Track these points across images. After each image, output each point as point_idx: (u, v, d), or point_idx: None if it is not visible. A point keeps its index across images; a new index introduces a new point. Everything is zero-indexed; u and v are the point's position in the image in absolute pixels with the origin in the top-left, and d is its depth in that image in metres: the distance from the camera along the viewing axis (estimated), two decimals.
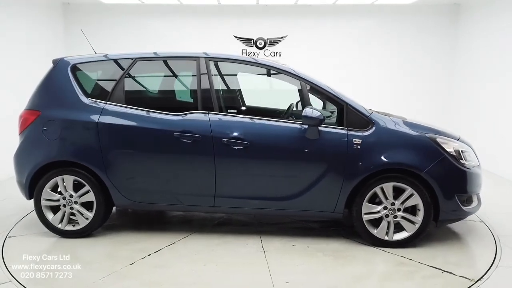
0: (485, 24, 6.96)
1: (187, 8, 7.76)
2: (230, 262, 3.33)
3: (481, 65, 7.05)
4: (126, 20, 7.85)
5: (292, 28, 7.83)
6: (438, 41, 7.86)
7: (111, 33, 7.80)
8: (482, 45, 7.01)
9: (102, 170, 3.67)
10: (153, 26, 7.86)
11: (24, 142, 3.79)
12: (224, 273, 3.14)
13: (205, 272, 3.14)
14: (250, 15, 7.77)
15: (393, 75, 7.94)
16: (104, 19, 7.83)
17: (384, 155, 3.50)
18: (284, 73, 3.75)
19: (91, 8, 7.79)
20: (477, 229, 4.07)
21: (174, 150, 3.63)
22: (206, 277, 3.07)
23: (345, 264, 3.31)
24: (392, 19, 7.87)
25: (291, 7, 7.72)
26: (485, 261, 3.36)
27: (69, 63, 3.87)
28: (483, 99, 6.97)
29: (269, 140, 3.58)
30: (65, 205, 3.77)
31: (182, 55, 3.89)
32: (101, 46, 4.42)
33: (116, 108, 3.69)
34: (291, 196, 3.61)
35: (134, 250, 3.54)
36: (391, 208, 3.55)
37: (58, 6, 7.60)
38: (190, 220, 4.33)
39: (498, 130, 6.55)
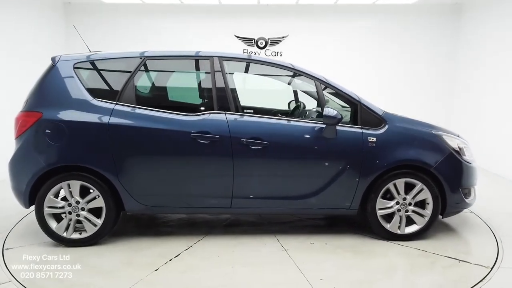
0: (487, 24, 6.95)
1: (188, 7, 7.77)
2: (256, 262, 3.31)
3: (483, 64, 7.03)
4: (127, 20, 7.86)
5: (293, 27, 7.86)
6: (440, 41, 7.89)
7: (112, 32, 7.81)
8: (484, 44, 6.99)
9: (113, 174, 3.50)
10: (154, 25, 7.87)
11: (23, 147, 3.51)
12: (255, 274, 3.12)
13: (235, 274, 3.10)
14: (251, 15, 7.75)
15: (394, 75, 8.00)
16: (105, 19, 7.83)
17: (398, 152, 3.65)
18: (299, 73, 3.78)
19: (92, 8, 7.76)
20: (478, 227, 4.34)
21: (190, 151, 3.54)
22: (239, 279, 3.03)
23: (368, 259, 3.40)
24: (394, 19, 7.89)
25: (292, 7, 7.74)
26: (492, 250, 3.60)
27: (72, 61, 3.65)
28: (485, 99, 6.96)
29: (287, 139, 3.60)
30: (71, 212, 3.55)
31: (194, 55, 3.80)
32: (102, 45, 4.22)
33: (127, 108, 3.54)
34: (308, 194, 3.66)
35: (152, 256, 3.41)
36: (403, 203, 3.71)
37: (59, 5, 7.59)
38: (196, 222, 4.24)
39: (500, 130, 6.53)
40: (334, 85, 3.73)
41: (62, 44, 7.60)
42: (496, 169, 6.64)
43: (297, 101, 4.46)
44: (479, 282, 2.99)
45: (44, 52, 6.68)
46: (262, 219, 4.34)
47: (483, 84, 7.06)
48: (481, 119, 7.08)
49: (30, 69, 5.83)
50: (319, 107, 3.84)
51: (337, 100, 3.92)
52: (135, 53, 3.72)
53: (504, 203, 5.16)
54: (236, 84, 3.74)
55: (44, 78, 3.61)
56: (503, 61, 6.48)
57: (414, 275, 3.14)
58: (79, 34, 4.35)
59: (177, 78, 3.98)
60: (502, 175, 6.47)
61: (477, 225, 4.21)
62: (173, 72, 3.95)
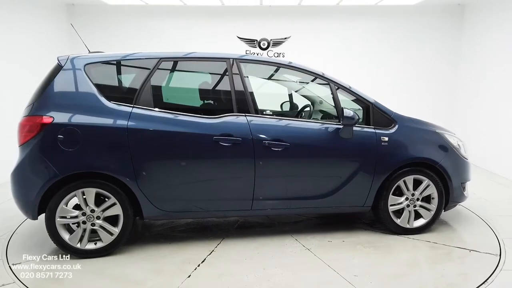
0: (490, 25, 6.90)
1: (191, 9, 7.71)
2: (286, 263, 3.33)
3: (485, 65, 7.01)
4: (130, 21, 7.80)
5: (295, 29, 7.82)
6: (442, 42, 7.85)
7: (115, 33, 7.75)
8: (487, 45, 6.96)
9: (133, 180, 3.36)
10: (156, 27, 7.84)
11: (31, 154, 3.27)
12: (291, 274, 3.14)
13: (271, 276, 3.11)
14: (253, 16, 7.68)
15: (397, 76, 7.98)
16: (108, 20, 7.76)
17: (407, 151, 3.84)
18: (313, 75, 3.85)
19: (95, 9, 7.70)
20: (471, 218, 4.67)
21: (212, 155, 3.49)
22: (278, 281, 3.04)
23: (389, 254, 3.55)
24: (396, 20, 7.87)
25: (295, 8, 7.70)
26: (492, 238, 3.90)
27: (82, 62, 3.45)
28: (488, 100, 6.92)
29: (307, 140, 3.66)
30: (85, 221, 3.37)
31: (211, 56, 3.74)
32: (105, 46, 4.03)
33: (145, 111, 3.41)
34: (326, 194, 3.75)
35: (178, 263, 3.32)
36: (411, 199, 3.91)
37: (63, 7, 7.55)
38: (206, 226, 4.17)
39: (502, 130, 6.49)
40: (347, 86, 3.85)
41: (66, 46, 7.36)
42: (500, 170, 6.58)
43: (311, 102, 4.52)
44: (495, 269, 3.24)
45: (47, 53, 6.66)
46: (271, 219, 4.37)
47: (486, 85, 7.01)
48: (484, 119, 7.01)
49: (33, 71, 5.93)
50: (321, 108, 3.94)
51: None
52: (149, 54, 3.60)
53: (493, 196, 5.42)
54: (255, 86, 3.72)
55: (52, 80, 3.38)
56: (507, 62, 6.43)
57: (438, 266, 3.32)
58: (77, 32, 4.13)
59: (194, 79, 3.90)
60: (507, 176, 6.39)
61: (469, 217, 4.53)
62: (190, 73, 3.86)
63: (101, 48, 3.91)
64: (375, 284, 3.00)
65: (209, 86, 3.91)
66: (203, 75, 3.91)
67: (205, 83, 3.91)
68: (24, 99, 3.61)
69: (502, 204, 5.02)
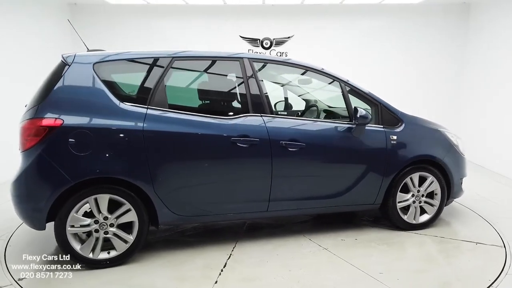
0: (496, 23, 6.79)
1: (193, 8, 7.64)
2: (309, 263, 3.32)
3: (491, 65, 6.93)
4: (132, 20, 7.77)
5: (298, 28, 7.73)
6: (447, 40, 7.77)
7: (117, 32, 7.70)
8: (492, 44, 6.87)
9: (149, 184, 3.22)
10: (158, 26, 7.80)
11: (38, 160, 3.03)
12: (318, 275, 3.13)
13: (299, 277, 3.08)
14: (256, 15, 7.53)
15: (401, 75, 7.92)
16: (110, 19, 7.72)
17: (414, 148, 3.95)
18: (326, 76, 3.85)
19: (97, 9, 7.66)
20: (463, 212, 4.87)
21: (230, 156, 3.41)
22: (306, 281, 3.02)
23: (403, 250, 3.64)
24: (400, 18, 7.79)
25: (298, 7, 7.60)
26: (491, 230, 4.09)
27: (92, 60, 3.25)
28: (493, 100, 6.84)
29: (322, 140, 3.66)
30: (98, 229, 3.18)
31: (224, 56, 3.65)
32: (107, 45, 3.84)
33: (160, 113, 3.27)
34: (340, 192, 3.77)
35: (199, 269, 3.22)
36: (417, 195, 4.03)
37: (65, 6, 7.53)
38: (216, 229, 4.08)
39: (508, 131, 6.41)
40: (357, 86, 3.89)
41: (68, 45, 7.12)
42: (504, 170, 6.52)
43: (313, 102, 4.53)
44: (505, 260, 3.40)
45: (50, 53, 6.53)
46: (278, 220, 4.34)
47: (491, 85, 6.92)
48: (489, 119, 6.96)
49: (36, 70, 5.81)
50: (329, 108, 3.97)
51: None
52: (162, 52, 3.45)
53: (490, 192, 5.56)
54: (268, 86, 3.68)
55: (58, 79, 3.16)
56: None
57: (453, 260, 3.44)
58: (74, 29, 3.92)
59: (207, 79, 3.78)
60: (507, 175, 6.41)
61: (463, 212, 4.73)
62: (203, 73, 3.74)
63: (102, 47, 3.70)
64: (402, 280, 3.05)
65: (224, 85, 3.82)
66: (217, 75, 3.81)
67: (219, 82, 3.82)
68: (25, 98, 3.37)
69: (496, 198, 5.24)
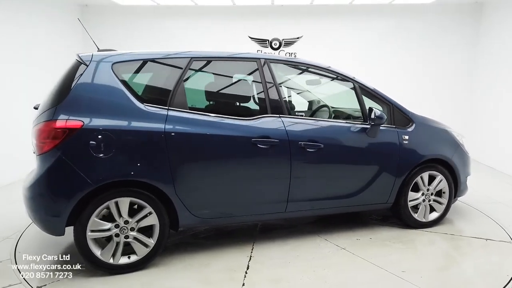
0: (508, 23, 6.70)
1: (202, 9, 7.67)
2: (331, 263, 3.33)
3: (503, 64, 6.83)
4: (142, 21, 7.84)
5: (307, 28, 7.68)
6: (459, 41, 7.70)
7: (127, 34, 7.78)
8: (505, 44, 6.78)
9: (170, 186, 3.16)
10: (168, 27, 7.85)
11: (57, 164, 2.92)
12: (341, 274, 3.15)
13: (325, 278, 3.09)
14: (265, 16, 7.46)
15: (412, 76, 7.85)
16: (120, 20, 7.81)
17: (425, 148, 4.03)
18: (340, 76, 3.88)
19: (108, 10, 7.76)
20: (465, 209, 4.99)
21: (250, 157, 3.39)
22: (333, 281, 3.03)
23: (420, 248, 3.70)
24: (411, 19, 7.71)
25: (307, 7, 7.55)
26: (495, 225, 4.22)
27: (109, 61, 3.17)
28: (506, 101, 6.77)
29: (339, 141, 3.69)
30: (118, 234, 3.11)
31: (241, 56, 3.62)
32: (117, 46, 3.75)
33: (181, 114, 3.22)
34: (356, 192, 3.81)
35: (223, 271, 3.19)
36: (426, 194, 4.11)
37: (76, 8, 7.65)
38: (227, 231, 4.04)
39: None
40: (370, 87, 3.94)
41: (80, 47, 7.13)
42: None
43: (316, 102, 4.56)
44: None
45: (61, 54, 6.78)
46: (289, 221, 4.33)
47: (504, 86, 6.83)
48: (502, 120, 6.90)
49: (47, 72, 6.02)
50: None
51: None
52: (180, 53, 3.40)
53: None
54: (286, 87, 3.68)
55: (76, 80, 3.07)
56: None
57: (468, 256, 3.53)
58: (84, 28, 3.82)
59: (226, 80, 3.73)
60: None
61: (465, 209, 4.85)
62: (222, 73, 3.70)
63: (113, 48, 3.61)
64: (426, 278, 3.10)
65: (242, 86, 3.79)
66: (236, 75, 3.78)
67: (238, 83, 3.79)
68: (35, 99, 3.28)
69: (501, 198, 5.35)
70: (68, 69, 3.21)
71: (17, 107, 5.89)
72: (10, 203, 4.96)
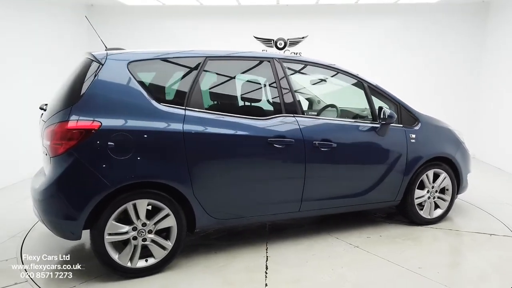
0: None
1: (207, 9, 7.66)
2: (347, 262, 3.35)
3: (509, 64, 6.74)
4: (147, 21, 7.85)
5: (313, 28, 7.63)
6: (465, 41, 7.64)
7: (133, 33, 7.79)
8: (511, 44, 6.69)
9: (189, 187, 3.11)
10: (173, 27, 7.86)
11: (74, 166, 2.83)
12: (360, 272, 3.18)
13: (345, 276, 3.11)
14: (270, 16, 7.39)
15: (418, 76, 7.80)
16: (126, 20, 7.83)
17: (431, 147, 4.12)
18: (350, 76, 3.91)
19: (114, 10, 7.78)
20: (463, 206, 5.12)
21: (267, 157, 3.39)
22: (354, 280, 3.05)
23: (428, 244, 3.77)
24: (417, 18, 7.64)
25: (312, 7, 7.51)
26: (494, 220, 4.35)
27: (124, 60, 3.09)
28: (511, 100, 6.72)
29: (351, 140, 3.73)
30: (136, 237, 3.04)
31: (255, 55, 3.60)
32: (123, 46, 3.67)
33: (198, 114, 3.17)
34: (366, 190, 3.86)
35: (242, 272, 3.17)
36: (431, 191, 4.21)
37: (82, 7, 7.66)
38: (237, 232, 4.01)
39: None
40: (379, 87, 3.99)
41: (85, 46, 7.04)
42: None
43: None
44: None
45: (67, 54, 6.88)
46: (297, 221, 4.34)
47: (509, 85, 6.75)
48: (507, 120, 6.82)
49: (53, 72, 6.33)
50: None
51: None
52: (195, 52, 3.36)
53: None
54: (298, 87, 3.68)
55: (90, 79, 2.97)
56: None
57: (477, 251, 3.62)
58: (92, 26, 3.71)
59: (240, 79, 3.69)
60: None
61: (463, 206, 4.99)
62: (236, 73, 3.66)
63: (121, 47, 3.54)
64: (443, 274, 3.17)
65: (257, 85, 3.77)
66: (250, 75, 3.75)
67: (252, 82, 3.76)
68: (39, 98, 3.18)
69: (496, 193, 5.52)
70: (79, 67, 3.12)
71: (22, 106, 5.89)
72: (16, 203, 5.01)
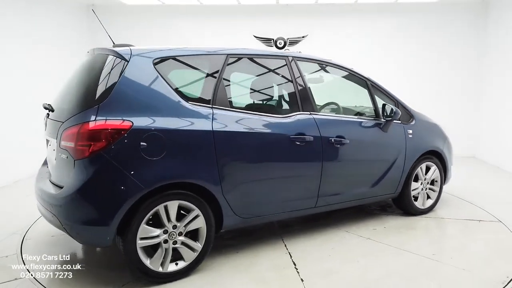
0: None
1: (207, 8, 7.66)
2: (367, 253, 3.49)
3: (510, 63, 6.75)
4: (147, 20, 7.91)
5: (312, 27, 7.60)
6: (465, 40, 7.63)
7: (133, 33, 7.69)
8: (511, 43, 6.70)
9: (218, 187, 3.08)
10: (173, 26, 7.90)
11: (104, 168, 2.69)
12: (381, 262, 3.32)
13: (368, 267, 3.23)
14: (270, 15, 7.24)
15: (418, 75, 7.81)
16: (126, 20, 7.87)
17: (426, 141, 4.40)
18: (354, 74, 4.06)
19: (114, 9, 7.81)
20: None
21: (289, 155, 3.43)
22: (378, 270, 3.19)
23: (430, 232, 4.07)
24: (416, 17, 7.65)
25: (312, 6, 7.47)
26: (478, 208, 4.73)
27: (151, 57, 2.98)
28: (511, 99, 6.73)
29: (362, 136, 3.90)
30: (167, 240, 2.94)
31: (274, 54, 3.63)
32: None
33: (225, 112, 3.14)
34: (374, 184, 4.04)
35: (271, 270, 3.19)
36: (424, 183, 4.49)
37: (83, 7, 7.73)
38: (249, 231, 4.00)
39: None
40: (381, 85, 4.19)
41: (87, 46, 6.56)
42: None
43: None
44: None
45: (67, 54, 7.00)
46: (301, 216, 4.40)
47: (510, 83, 6.76)
48: (508, 119, 6.85)
49: (53, 71, 6.42)
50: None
51: None
52: (217, 49, 3.31)
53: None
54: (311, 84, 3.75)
55: (116, 77, 2.83)
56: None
57: (474, 236, 3.90)
58: (99, 20, 3.64)
59: (260, 77, 3.67)
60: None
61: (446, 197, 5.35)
62: (255, 71, 3.64)
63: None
64: (456, 259, 3.39)
65: (275, 84, 3.79)
66: (268, 73, 3.74)
67: (271, 80, 3.77)
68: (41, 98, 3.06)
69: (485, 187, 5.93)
70: (96, 64, 2.97)
71: (25, 105, 5.99)
72: (16, 200, 5.13)
